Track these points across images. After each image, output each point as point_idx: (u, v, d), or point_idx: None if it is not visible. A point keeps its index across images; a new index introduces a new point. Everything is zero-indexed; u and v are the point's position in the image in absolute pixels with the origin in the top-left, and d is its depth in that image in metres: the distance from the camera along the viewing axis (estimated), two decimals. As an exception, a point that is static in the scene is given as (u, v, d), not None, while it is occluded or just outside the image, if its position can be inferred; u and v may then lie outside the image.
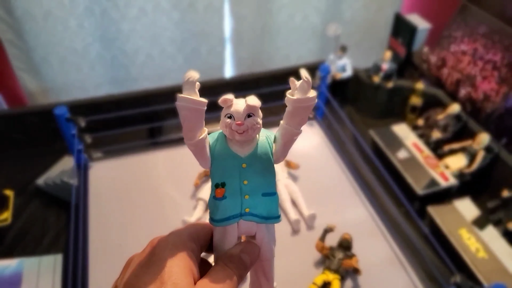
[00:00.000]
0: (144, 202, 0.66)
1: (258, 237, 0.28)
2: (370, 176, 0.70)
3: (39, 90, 0.96)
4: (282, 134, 0.25)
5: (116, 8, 0.90)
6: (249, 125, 0.24)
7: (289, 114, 0.25)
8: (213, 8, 0.95)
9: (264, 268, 0.29)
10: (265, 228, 0.27)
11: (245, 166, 0.25)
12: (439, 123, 0.76)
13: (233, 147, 0.25)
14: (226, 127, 0.24)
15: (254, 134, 0.25)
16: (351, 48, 0.86)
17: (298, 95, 0.24)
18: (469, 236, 0.60)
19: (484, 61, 0.78)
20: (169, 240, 0.24)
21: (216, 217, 0.26)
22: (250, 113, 0.24)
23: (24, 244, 0.64)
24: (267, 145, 0.26)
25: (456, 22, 0.85)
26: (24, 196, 0.70)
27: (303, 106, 0.24)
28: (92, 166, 0.72)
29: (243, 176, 0.26)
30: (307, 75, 0.23)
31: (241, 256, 0.26)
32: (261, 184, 0.26)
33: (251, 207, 0.26)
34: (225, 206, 0.26)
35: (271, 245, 0.28)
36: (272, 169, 0.26)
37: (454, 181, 0.68)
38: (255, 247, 0.27)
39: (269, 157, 0.26)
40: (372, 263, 0.58)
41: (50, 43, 0.90)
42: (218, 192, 0.26)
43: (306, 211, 0.63)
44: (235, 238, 0.27)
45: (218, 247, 0.27)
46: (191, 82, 0.22)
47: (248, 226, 0.27)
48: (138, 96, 0.79)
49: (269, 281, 0.30)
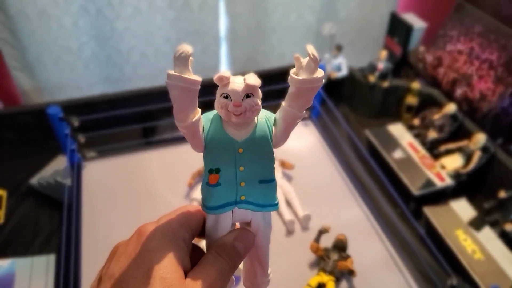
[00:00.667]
0: (137, 202, 0.66)
1: (253, 224, 0.26)
2: (365, 176, 0.70)
3: (34, 89, 0.95)
4: (283, 117, 0.23)
5: (111, 7, 0.89)
6: (247, 106, 0.22)
7: (292, 96, 0.22)
8: (208, 7, 0.95)
9: (259, 256, 0.28)
10: (262, 216, 0.26)
11: (242, 151, 0.23)
12: (435, 123, 0.76)
13: (228, 130, 0.23)
14: (222, 108, 0.22)
15: (253, 116, 0.23)
16: (346, 47, 0.86)
17: (303, 74, 0.21)
18: (466, 237, 0.60)
19: (481, 61, 0.77)
20: (158, 229, 0.23)
21: (209, 204, 0.25)
22: (249, 93, 0.22)
23: (17, 244, 0.63)
24: (266, 128, 0.23)
25: (452, 21, 0.85)
26: (17, 196, 0.70)
27: (309, 87, 0.21)
28: (86, 165, 0.72)
29: (239, 162, 0.24)
30: (315, 53, 0.21)
31: (235, 244, 0.25)
32: (259, 170, 0.24)
33: (246, 195, 0.24)
34: (219, 193, 0.24)
35: (267, 232, 0.27)
36: (271, 154, 0.24)
37: (450, 182, 0.68)
38: (250, 235, 0.26)
39: (268, 141, 0.24)
40: (368, 264, 0.57)
41: (44, 42, 0.89)
42: (212, 178, 0.24)
43: (301, 212, 0.62)
44: (229, 225, 0.25)
45: (211, 234, 0.25)
46: (183, 57, 0.20)
47: (243, 213, 0.25)
48: (132, 95, 0.79)
49: (264, 268, 0.28)
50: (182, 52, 0.20)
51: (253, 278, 0.29)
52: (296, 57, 0.22)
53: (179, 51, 0.20)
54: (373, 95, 0.85)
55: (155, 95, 0.78)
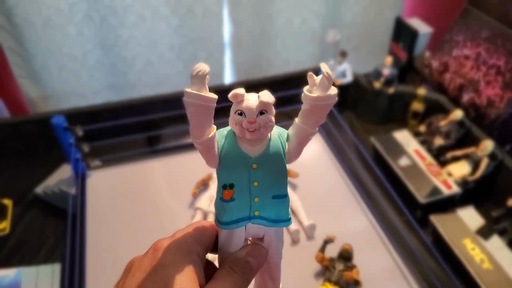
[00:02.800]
0: (141, 211, 0.66)
1: (266, 240, 0.26)
2: (371, 184, 0.69)
3: (40, 97, 0.96)
4: (297, 133, 0.23)
5: (115, 14, 0.89)
6: (261, 123, 0.22)
7: (306, 113, 0.23)
8: (211, 14, 0.95)
9: (271, 271, 0.28)
10: (274, 232, 0.26)
11: (255, 166, 0.24)
12: (442, 130, 0.75)
13: (242, 146, 0.24)
14: (236, 125, 0.23)
15: (266, 132, 0.23)
16: (350, 52, 0.85)
17: (317, 92, 0.22)
18: (473, 246, 0.59)
19: (488, 66, 0.76)
20: (173, 244, 0.23)
21: (223, 220, 0.25)
22: (263, 110, 0.22)
23: (22, 254, 0.64)
24: (279, 144, 0.24)
25: (458, 26, 0.84)
26: (23, 205, 0.70)
27: (323, 104, 0.22)
28: (90, 174, 0.72)
29: (252, 177, 0.24)
30: (328, 70, 0.21)
31: (248, 260, 0.25)
32: (272, 186, 0.24)
33: (260, 210, 0.25)
34: (233, 208, 0.24)
35: (279, 248, 0.27)
36: (284, 170, 0.25)
37: (457, 189, 0.67)
38: (262, 250, 0.26)
39: (281, 157, 0.24)
40: (373, 274, 0.57)
41: (49, 50, 0.90)
42: (226, 194, 0.24)
43: (306, 221, 0.62)
44: (242, 240, 0.26)
45: (224, 249, 0.26)
46: (201, 76, 0.20)
47: (255, 229, 0.26)
48: (136, 103, 0.79)
49: (275, 283, 0.28)
50: (199, 70, 0.20)
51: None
52: (309, 75, 0.22)
53: (196, 70, 0.20)
54: (378, 101, 0.84)
55: (159, 103, 0.78)
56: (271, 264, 0.27)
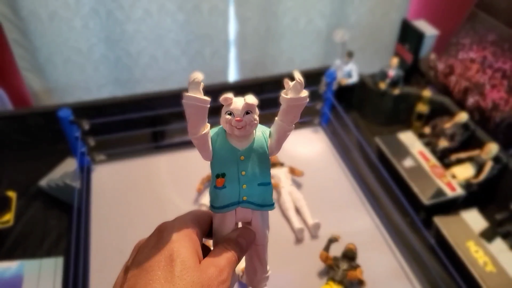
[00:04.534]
0: (146, 206, 0.66)
1: (253, 224, 0.31)
2: (375, 184, 0.69)
3: (43, 90, 0.95)
4: (276, 130, 0.28)
5: (121, 9, 0.89)
6: (247, 121, 0.26)
7: (283, 112, 0.27)
8: (218, 11, 0.94)
9: (259, 253, 0.32)
10: (260, 216, 0.30)
11: (243, 158, 0.28)
12: (446, 132, 0.75)
13: (232, 142, 0.28)
14: (226, 123, 0.27)
15: (252, 129, 0.27)
16: (355, 52, 0.85)
17: (291, 94, 0.26)
18: (477, 249, 0.59)
19: (493, 70, 0.76)
20: (175, 225, 0.27)
21: (216, 205, 0.29)
22: (248, 111, 0.26)
23: (25, 246, 0.63)
24: (263, 140, 0.28)
25: (465, 29, 0.84)
26: (27, 197, 0.70)
27: (295, 104, 0.26)
28: (95, 169, 0.72)
29: (241, 167, 0.28)
30: (300, 77, 0.25)
31: (238, 240, 0.29)
32: (257, 174, 0.28)
33: (248, 196, 0.29)
34: (225, 194, 0.28)
35: (265, 231, 0.31)
36: (267, 161, 0.29)
37: (461, 192, 0.67)
38: (251, 232, 0.30)
39: (264, 150, 0.28)
40: (377, 274, 0.57)
41: (55, 43, 0.89)
42: (219, 182, 0.28)
43: (311, 220, 0.62)
44: (232, 224, 0.30)
45: (217, 233, 0.30)
46: (196, 82, 0.25)
47: (244, 213, 0.30)
48: (141, 99, 0.79)
49: (263, 265, 0.33)
50: (195, 78, 0.25)
51: (253, 275, 0.34)
52: (285, 80, 0.26)
53: (192, 78, 0.25)
54: (383, 102, 0.84)
55: (165, 99, 0.78)
56: (258, 246, 0.32)
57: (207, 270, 0.26)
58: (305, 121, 0.81)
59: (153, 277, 0.24)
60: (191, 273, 0.24)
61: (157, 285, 0.23)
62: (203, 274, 0.25)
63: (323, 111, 0.79)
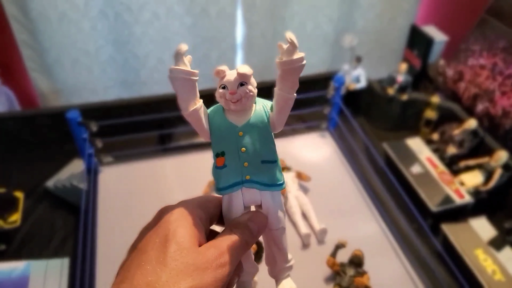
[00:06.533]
0: (153, 208, 0.65)
1: (264, 206, 0.28)
2: (382, 190, 0.69)
3: (51, 91, 0.96)
4: (276, 100, 0.26)
5: (130, 11, 0.89)
6: (242, 93, 0.25)
7: (280, 78, 0.25)
8: (225, 14, 0.95)
9: (275, 238, 0.30)
10: (270, 197, 0.28)
11: (242, 134, 0.26)
12: (455, 138, 0.74)
13: (230, 118, 0.26)
14: (221, 98, 0.25)
15: (248, 102, 0.25)
16: (363, 57, 0.85)
17: (285, 57, 0.24)
18: (486, 257, 0.59)
19: (504, 76, 0.76)
20: (176, 207, 0.26)
21: (220, 186, 0.27)
22: (243, 82, 0.25)
23: (32, 247, 0.63)
24: (263, 113, 0.26)
25: (475, 35, 0.83)
26: (34, 198, 0.70)
27: (291, 68, 0.24)
28: (102, 170, 0.72)
29: (240, 144, 0.26)
30: (293, 37, 0.23)
31: (248, 224, 0.27)
32: (260, 151, 0.26)
33: (251, 174, 0.27)
34: (227, 174, 0.27)
35: (278, 214, 0.29)
36: (270, 137, 0.27)
37: (469, 199, 0.66)
38: (262, 216, 0.28)
39: (265, 124, 0.26)
40: (384, 281, 0.56)
41: (63, 45, 0.90)
42: (219, 161, 0.27)
43: (317, 225, 0.62)
44: (241, 207, 0.28)
45: (227, 217, 0.28)
46: (180, 54, 0.24)
47: (252, 194, 0.28)
48: (149, 101, 0.79)
49: (281, 250, 0.30)
50: (179, 49, 0.24)
51: (274, 265, 0.31)
52: (279, 44, 0.24)
53: (176, 50, 0.24)
54: (391, 107, 0.84)
55: (172, 102, 0.78)
56: (273, 231, 0.29)
57: (206, 252, 0.24)
58: (313, 125, 0.81)
59: (146, 258, 0.23)
60: (185, 254, 0.23)
61: (148, 266, 0.23)
62: (200, 255, 0.24)
63: (331, 115, 0.79)
